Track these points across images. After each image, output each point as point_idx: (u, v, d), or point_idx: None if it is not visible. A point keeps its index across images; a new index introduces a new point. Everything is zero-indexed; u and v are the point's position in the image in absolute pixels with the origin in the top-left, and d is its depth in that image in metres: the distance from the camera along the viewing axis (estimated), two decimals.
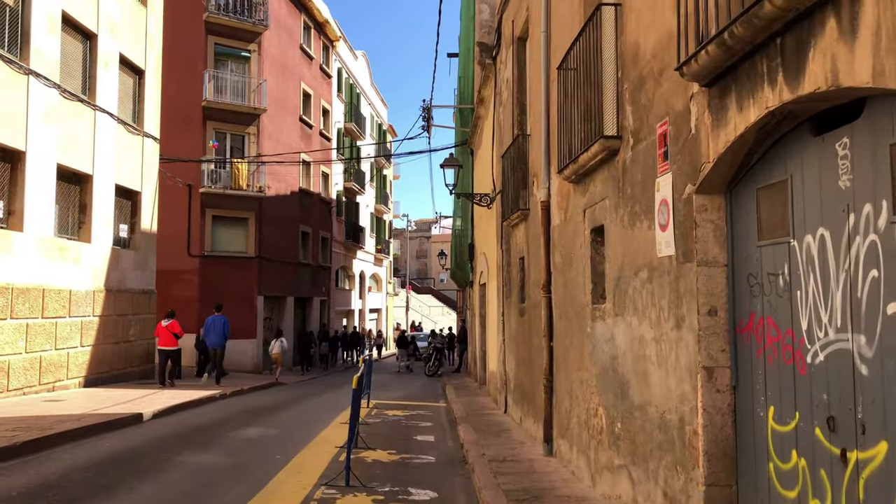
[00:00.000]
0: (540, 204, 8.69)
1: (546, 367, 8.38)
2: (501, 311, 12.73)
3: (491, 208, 14.68)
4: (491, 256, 15.16)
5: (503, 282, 12.67)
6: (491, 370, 15.19)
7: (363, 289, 41.44)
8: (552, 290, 8.38)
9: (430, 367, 24.92)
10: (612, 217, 5.94)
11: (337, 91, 34.47)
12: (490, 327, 15.53)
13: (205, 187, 23.60)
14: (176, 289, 23.61)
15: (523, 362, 10.52)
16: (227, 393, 15.19)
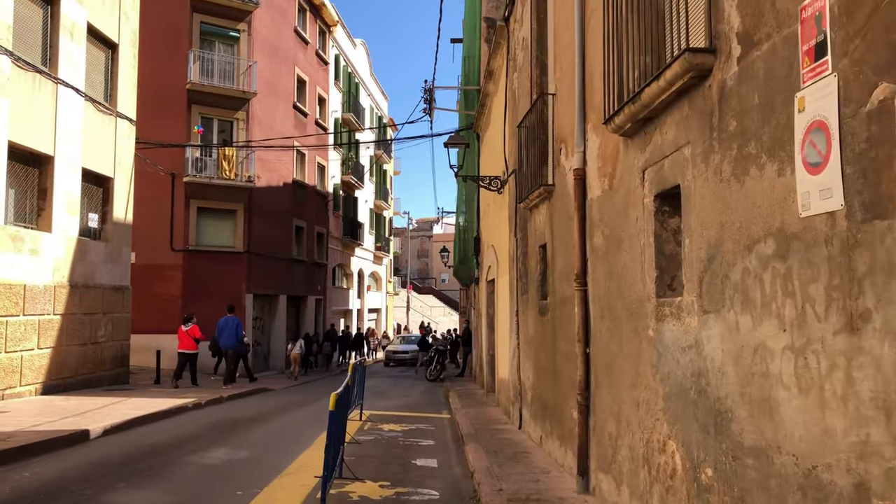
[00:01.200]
0: (572, 173, 6.89)
1: (581, 380, 6.58)
2: (515, 310, 10.94)
3: (502, 193, 12.89)
4: (501, 248, 13.37)
5: (517, 276, 10.88)
6: (501, 377, 13.40)
7: (362, 288, 39.64)
8: (588, 281, 6.58)
9: (431, 372, 23.12)
10: (696, 171, 4.14)
11: (334, 79, 32.69)
12: (500, 328, 13.73)
13: (189, 176, 21.83)
14: (158, 286, 21.87)
15: (545, 371, 8.72)
16: (202, 402, 13.40)
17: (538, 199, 8.90)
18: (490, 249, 15.51)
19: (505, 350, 12.73)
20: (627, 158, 5.45)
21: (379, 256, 43.43)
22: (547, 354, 8.60)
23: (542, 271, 9.12)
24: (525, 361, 10.23)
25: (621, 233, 5.61)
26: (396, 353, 32.36)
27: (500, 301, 13.75)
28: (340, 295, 34.78)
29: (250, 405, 14.14)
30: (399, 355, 32.11)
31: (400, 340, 34.80)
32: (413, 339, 33.94)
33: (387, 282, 47.28)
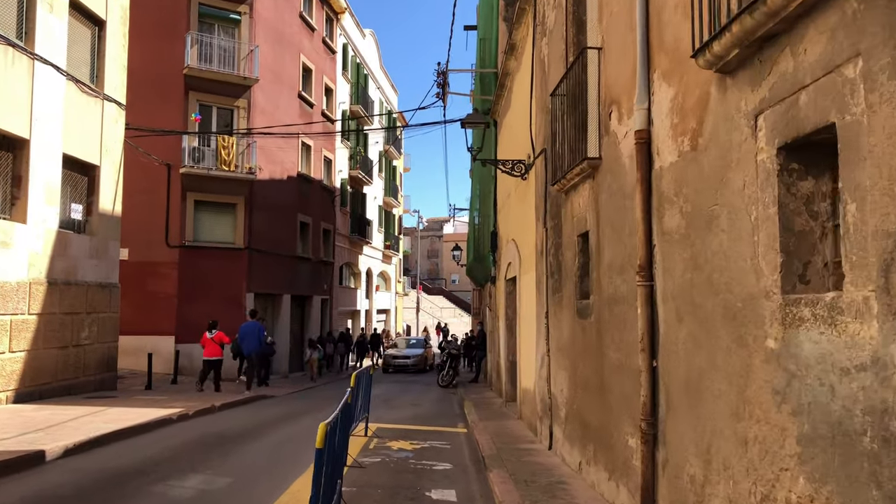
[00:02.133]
0: (632, 137, 5.43)
1: (645, 402, 5.11)
2: (544, 312, 9.47)
3: (526, 178, 11.42)
4: (524, 242, 11.90)
5: (547, 272, 9.41)
6: (524, 387, 11.92)
7: (370, 287, 38.23)
8: (656, 274, 5.11)
9: (443, 377, 21.65)
10: (875, 95, 2.67)
11: (342, 69, 31.31)
12: (523, 332, 12.26)
13: (186, 167, 20.48)
14: (152, 284, 20.53)
15: (587, 385, 7.24)
16: (189, 412, 11.99)
17: (578, 179, 7.42)
18: (510, 244, 14.04)
19: (529, 357, 11.26)
20: (726, 103, 3.97)
21: (388, 255, 42.02)
22: (589, 365, 7.12)
23: (582, 265, 7.64)
24: (558, 372, 8.75)
25: (714, 207, 4.13)
26: (396, 357, 28.47)
27: (522, 301, 12.28)
28: (348, 295, 33.39)
29: (244, 416, 12.72)
30: (399, 361, 28.29)
31: (402, 344, 31.22)
32: (416, 342, 30.57)
33: (396, 282, 45.86)
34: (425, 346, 30.08)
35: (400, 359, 28.25)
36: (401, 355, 28.41)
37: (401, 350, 29.32)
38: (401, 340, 31.90)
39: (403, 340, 31.46)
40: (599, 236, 6.75)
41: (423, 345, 29.87)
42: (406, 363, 28.03)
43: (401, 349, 29.44)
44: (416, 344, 30.16)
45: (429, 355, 29.82)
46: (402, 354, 28.47)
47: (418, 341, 30.48)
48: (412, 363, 28.03)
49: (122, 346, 20.19)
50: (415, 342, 30.43)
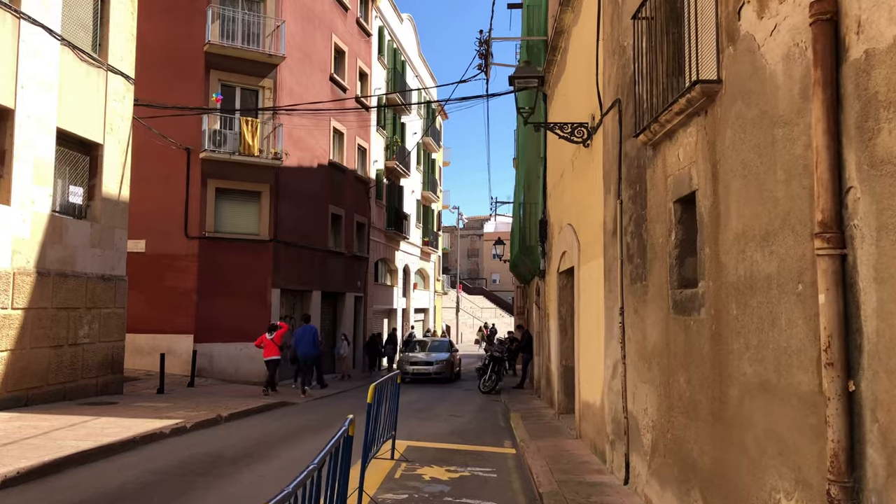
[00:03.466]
0: (806, 15, 3.36)
1: (837, 453, 3.03)
2: (619, 307, 7.36)
3: (590, 145, 9.35)
4: (587, 224, 9.82)
5: (623, 256, 7.32)
6: (585, 399, 9.83)
7: (407, 285, 36.38)
8: (854, 236, 3.04)
9: (485, 382, 19.61)
10: None
11: (378, 54, 29.52)
12: (584, 333, 10.17)
13: (206, 151, 18.85)
14: (170, 278, 18.97)
15: (693, 409, 5.16)
16: (188, 424, 10.20)
17: (676, 121, 5.34)
18: (565, 231, 11.96)
19: (593, 363, 9.17)
20: None
21: (426, 252, 40.14)
22: (697, 380, 5.04)
23: (682, 241, 5.56)
24: (639, 385, 6.66)
25: None
26: (414, 363, 23.31)
27: (583, 296, 10.19)
28: (383, 293, 31.59)
29: (252, 429, 10.89)
30: (418, 368, 23.23)
31: (423, 347, 25.29)
32: (440, 343, 25.38)
33: (435, 280, 43.96)
34: (451, 349, 24.97)
35: (419, 365, 23.30)
36: (420, 360, 23.45)
37: (421, 354, 24.26)
38: (422, 341, 26.48)
39: (426, 341, 26.09)
40: (718, 195, 4.66)
41: (448, 347, 24.92)
42: (427, 370, 23.09)
43: (420, 353, 24.40)
44: (439, 346, 24.96)
45: (455, 360, 24.85)
46: (422, 360, 23.49)
47: (442, 343, 25.29)
48: (435, 371, 23.11)
49: (137, 345, 18.75)
50: (438, 344, 25.32)
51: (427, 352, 24.45)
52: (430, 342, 25.70)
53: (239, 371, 19.04)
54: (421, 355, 23.92)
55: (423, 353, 24.31)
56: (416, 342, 26.12)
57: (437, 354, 23.98)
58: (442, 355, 23.82)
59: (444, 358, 23.52)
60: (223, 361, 18.98)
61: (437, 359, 23.44)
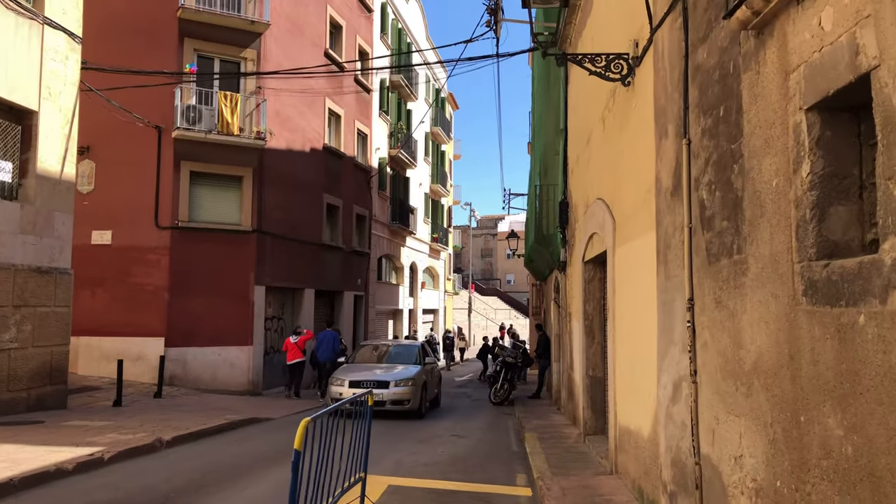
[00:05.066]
0: None
1: None
2: (688, 298, 4.92)
3: (630, 83, 6.95)
4: (628, 192, 7.42)
5: (694, 222, 4.88)
6: (625, 425, 7.41)
7: (414, 284, 34.02)
8: None
9: (496, 393, 17.21)
10: None
11: (380, 32, 27.21)
12: (623, 337, 7.75)
13: (179, 130, 16.60)
14: (138, 273, 16.75)
15: (863, 474, 2.74)
16: (104, 456, 7.88)
17: None
18: (594, 208, 9.55)
19: (639, 377, 6.76)
20: None
21: (436, 250, 37.77)
22: (876, 424, 2.63)
23: (822, 177, 3.16)
24: (730, 420, 4.22)
25: None
26: (357, 385, 13.32)
27: (620, 287, 7.77)
28: (387, 292, 29.25)
29: (194, 460, 8.56)
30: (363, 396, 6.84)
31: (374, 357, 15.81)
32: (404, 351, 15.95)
33: (445, 279, 41.57)
34: (422, 360, 15.31)
35: (364, 388, 12.89)
36: (365, 381, 13.48)
37: (362, 373, 14.15)
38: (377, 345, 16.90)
39: (385, 346, 16.71)
40: None
41: (417, 358, 15.31)
42: (378, 398, 12.85)
43: (364, 370, 14.43)
44: (402, 355, 15.57)
45: (431, 377, 15.45)
46: (368, 380, 13.57)
47: (408, 350, 15.98)
48: (392, 398, 13.38)
49: (103, 350, 16.58)
50: (401, 351, 15.95)
51: (382, 365, 14.96)
52: (391, 347, 16.45)
53: (216, 379, 16.77)
54: (362, 374, 13.85)
55: (369, 368, 14.50)
56: (368, 346, 16.64)
57: (396, 371, 14.16)
58: (405, 372, 14.07)
59: (409, 376, 13.80)
60: (198, 368, 16.72)
61: (396, 377, 13.74)
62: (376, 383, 13.52)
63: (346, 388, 13.30)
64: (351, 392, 12.51)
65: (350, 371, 14.42)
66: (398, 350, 16.22)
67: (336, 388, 13.53)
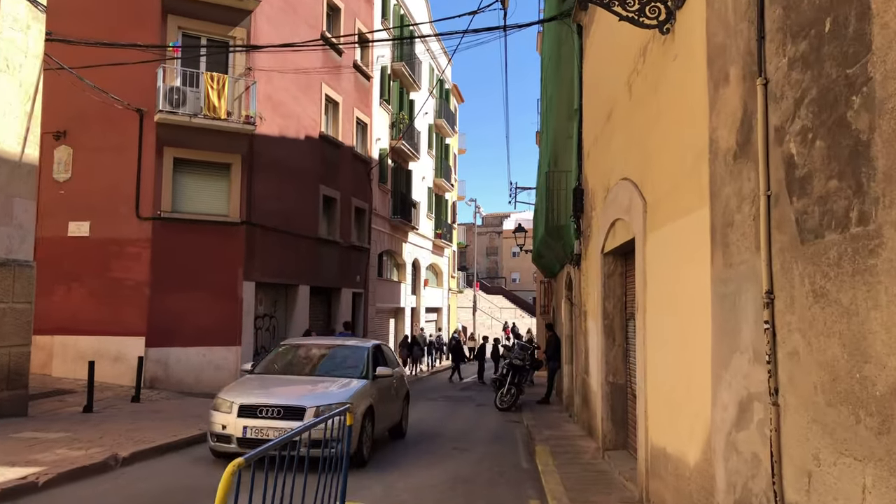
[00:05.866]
0: None
1: None
2: (766, 292, 3.68)
3: (669, 30, 5.69)
4: (666, 165, 6.16)
5: (780, 187, 3.63)
6: (660, 445, 6.15)
7: (417, 282, 32.78)
8: None
9: (503, 398, 15.94)
10: None
11: (381, 16, 25.96)
12: (657, 340, 6.49)
13: (161, 113, 15.37)
14: (117, 267, 15.57)
15: None
16: (40, 481, 6.65)
17: None
18: (618, 190, 8.28)
19: (681, 392, 5.50)
20: None
21: (439, 246, 36.51)
22: None
23: None
24: (846, 463, 2.97)
25: None
26: (252, 413, 8.19)
27: (654, 279, 6.52)
28: (389, 289, 28.01)
29: (148, 481, 7.33)
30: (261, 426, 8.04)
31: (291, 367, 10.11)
32: (345, 359, 10.11)
33: (449, 277, 40.31)
34: (369, 372, 9.73)
35: (264, 417, 8.19)
36: (270, 406, 8.28)
37: (281, 388, 8.96)
38: (298, 345, 10.96)
39: (313, 349, 10.73)
40: None
41: (363, 370, 9.74)
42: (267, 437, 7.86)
43: (286, 383, 9.25)
44: (342, 362, 10.05)
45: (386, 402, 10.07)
46: (278, 405, 8.28)
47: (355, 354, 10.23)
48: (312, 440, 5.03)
49: (79, 349, 15.40)
50: (344, 354, 10.31)
51: (305, 378, 9.64)
52: (327, 349, 10.61)
53: (201, 381, 15.55)
54: (262, 394, 8.60)
55: (281, 384, 9.13)
56: (288, 346, 10.80)
57: (322, 391, 8.88)
58: (338, 391, 8.81)
59: (343, 399, 8.37)
60: (181, 370, 15.52)
61: (318, 400, 8.41)
62: (284, 410, 8.04)
63: (232, 418, 8.06)
64: (241, 424, 7.98)
65: (245, 389, 8.73)
66: (337, 354, 10.28)
67: (218, 416, 8.20)
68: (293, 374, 9.78)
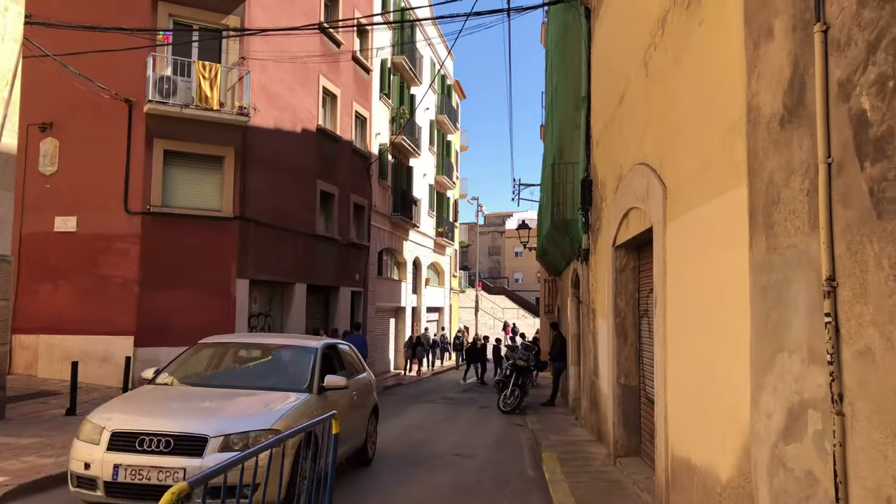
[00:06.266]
0: None
1: None
2: (825, 279, 3.11)
3: None
4: (692, 143, 5.56)
5: (855, 151, 3.03)
6: (683, 456, 5.54)
7: (418, 281, 32.17)
8: None
9: (506, 400, 15.32)
10: None
11: (381, 7, 25.36)
12: (679, 339, 5.89)
13: (151, 104, 14.77)
14: (106, 264, 14.98)
15: None
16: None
17: None
18: (633, 176, 7.69)
19: (711, 395, 4.89)
20: None
21: (441, 245, 35.89)
22: None
23: None
24: None
25: None
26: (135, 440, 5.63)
27: (675, 271, 5.92)
28: (389, 288, 27.39)
29: None
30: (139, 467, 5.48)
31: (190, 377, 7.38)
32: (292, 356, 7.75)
33: (451, 276, 39.70)
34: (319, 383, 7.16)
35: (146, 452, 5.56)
36: (155, 435, 5.61)
37: (181, 405, 6.38)
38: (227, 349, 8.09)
39: (241, 350, 8.23)
40: None
41: (308, 376, 7.23)
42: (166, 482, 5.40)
43: (188, 399, 6.64)
44: (279, 369, 7.71)
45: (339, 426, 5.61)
46: (168, 434, 5.61)
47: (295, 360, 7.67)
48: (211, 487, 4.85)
49: (65, 349, 14.84)
50: (283, 359, 7.89)
51: (221, 391, 6.83)
52: (263, 350, 8.24)
53: None
54: (150, 415, 6.00)
55: (182, 399, 6.58)
56: (208, 347, 8.05)
57: (235, 414, 6.13)
58: (262, 414, 6.14)
59: (264, 426, 5.86)
60: None
61: (227, 426, 5.73)
62: (175, 441, 5.60)
63: (99, 452, 5.61)
64: (111, 462, 5.52)
65: (127, 407, 6.34)
66: (274, 358, 7.91)
67: (81, 449, 5.77)
68: (209, 386, 6.95)
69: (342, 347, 9.02)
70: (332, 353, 8.20)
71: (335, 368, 7.97)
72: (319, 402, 6.87)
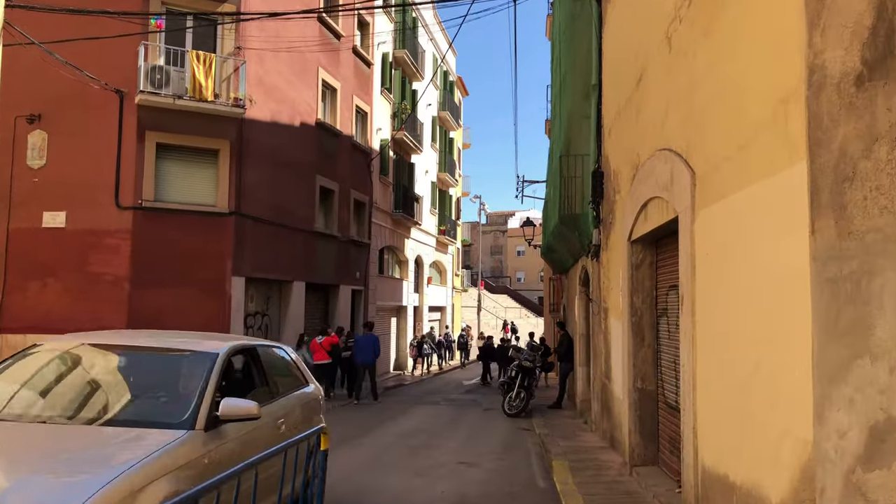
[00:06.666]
0: None
1: None
2: None
3: None
4: (731, 116, 4.96)
5: None
6: (720, 472, 4.95)
7: (420, 279, 31.57)
8: None
9: (512, 402, 14.71)
10: None
11: (382, 2, 24.77)
12: (719, 337, 5.29)
13: (143, 94, 14.20)
14: (96, 261, 14.42)
15: None
16: None
17: None
18: (654, 164, 7.10)
19: (760, 405, 4.30)
20: None
21: (443, 243, 35.30)
22: None
23: None
24: None
25: None
26: None
27: (709, 265, 5.33)
28: (390, 287, 26.80)
29: None
30: None
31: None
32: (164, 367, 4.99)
33: (453, 275, 39.10)
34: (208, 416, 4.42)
35: None
36: None
37: None
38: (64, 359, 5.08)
39: (82, 359, 5.04)
40: None
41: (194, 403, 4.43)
42: None
43: None
44: (136, 393, 4.74)
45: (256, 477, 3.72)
46: None
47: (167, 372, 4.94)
48: None
49: None
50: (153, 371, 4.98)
51: (26, 432, 4.12)
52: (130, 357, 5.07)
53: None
54: None
55: None
56: (48, 356, 5.07)
57: (33, 470, 3.48)
58: (70, 490, 3.21)
59: (80, 497, 3.13)
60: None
61: None
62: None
63: None
64: None
65: None
66: (145, 369, 5.06)
67: None
68: (27, 419, 4.31)
69: (271, 351, 6.21)
70: (248, 363, 5.58)
71: (253, 385, 5.45)
72: (208, 445, 4.28)
